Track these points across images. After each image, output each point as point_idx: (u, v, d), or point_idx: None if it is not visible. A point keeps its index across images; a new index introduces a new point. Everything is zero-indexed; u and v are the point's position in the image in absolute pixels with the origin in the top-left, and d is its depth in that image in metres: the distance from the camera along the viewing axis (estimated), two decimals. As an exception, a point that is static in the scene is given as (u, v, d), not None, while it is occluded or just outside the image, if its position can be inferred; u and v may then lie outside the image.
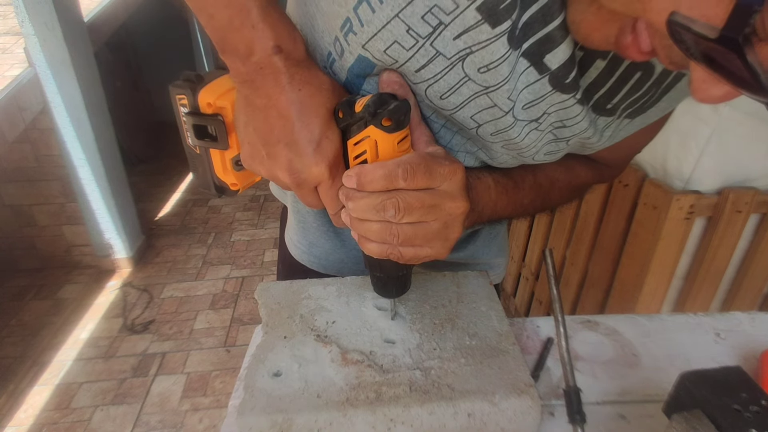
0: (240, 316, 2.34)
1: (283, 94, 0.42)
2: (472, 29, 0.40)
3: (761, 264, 1.37)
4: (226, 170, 0.51)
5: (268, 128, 0.43)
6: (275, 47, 0.41)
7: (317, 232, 0.69)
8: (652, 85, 0.49)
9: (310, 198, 0.47)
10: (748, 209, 1.27)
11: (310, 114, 0.42)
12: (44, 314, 2.34)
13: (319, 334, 0.55)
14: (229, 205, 3.14)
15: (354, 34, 0.43)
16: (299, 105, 0.42)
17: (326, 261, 0.71)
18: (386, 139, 0.42)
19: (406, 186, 0.42)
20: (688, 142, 1.23)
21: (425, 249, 0.45)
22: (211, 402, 1.94)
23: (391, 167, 0.41)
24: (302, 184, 0.45)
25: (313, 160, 0.43)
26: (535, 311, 1.98)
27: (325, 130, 0.43)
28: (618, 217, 1.44)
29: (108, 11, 2.61)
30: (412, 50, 0.42)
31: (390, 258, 0.46)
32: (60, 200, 2.44)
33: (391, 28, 0.41)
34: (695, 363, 0.59)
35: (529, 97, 0.46)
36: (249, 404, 0.47)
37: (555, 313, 0.54)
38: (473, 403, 0.47)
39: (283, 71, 0.41)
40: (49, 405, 1.93)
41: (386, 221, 0.43)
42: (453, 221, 0.45)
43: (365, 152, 0.43)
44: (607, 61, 0.46)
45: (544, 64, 0.43)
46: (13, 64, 2.13)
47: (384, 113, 0.41)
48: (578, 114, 0.48)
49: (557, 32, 0.41)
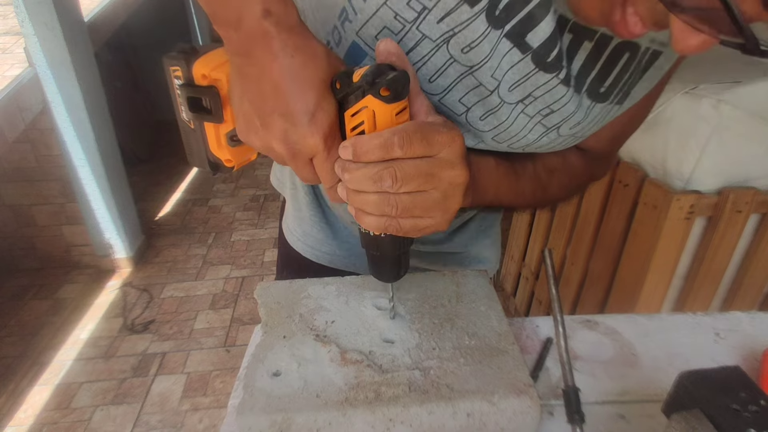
0: (240, 316, 2.34)
1: (276, 61, 0.41)
2: (454, 11, 0.43)
3: (761, 264, 1.37)
4: (220, 146, 0.49)
5: (262, 99, 0.42)
6: (264, 11, 0.40)
7: (310, 221, 0.70)
8: (636, 65, 0.51)
9: (306, 171, 0.46)
10: (748, 209, 1.27)
11: (304, 84, 0.42)
12: (44, 314, 2.34)
13: (319, 333, 0.55)
14: (229, 205, 3.14)
15: (349, 22, 0.47)
16: (293, 73, 0.41)
17: (319, 251, 0.73)
18: (384, 109, 0.41)
19: (402, 155, 0.41)
20: (688, 141, 1.23)
21: (425, 219, 0.45)
22: (211, 402, 1.94)
23: (387, 135, 0.41)
24: (297, 156, 0.44)
25: (308, 131, 0.42)
26: (535, 311, 1.98)
27: (320, 101, 0.42)
28: (618, 217, 1.44)
29: (108, 11, 2.61)
30: (400, 34, 0.45)
31: (388, 231, 0.45)
32: (60, 200, 2.44)
33: (380, 15, 0.45)
34: (695, 363, 0.59)
35: (514, 77, 0.47)
36: (248, 404, 0.47)
37: (554, 312, 0.54)
38: (472, 402, 0.47)
39: (274, 35, 0.40)
40: (49, 405, 1.93)
41: (384, 192, 0.42)
42: (453, 190, 0.44)
43: (363, 123, 0.42)
44: (594, 43, 0.48)
45: (526, 43, 0.45)
46: (13, 64, 2.13)
47: (382, 83, 0.40)
48: (563, 95, 0.48)
49: (537, 10, 0.43)
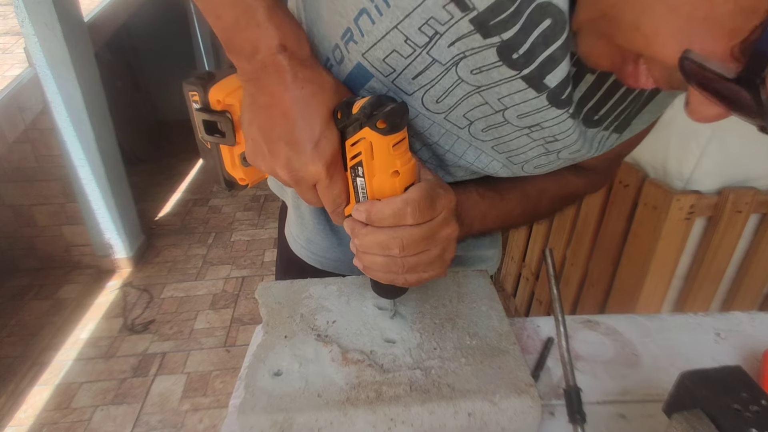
0: (240, 316, 2.34)
1: (287, 92, 0.43)
2: (466, 37, 0.42)
3: (761, 264, 1.37)
4: (234, 165, 0.53)
5: (271, 126, 0.44)
6: (280, 46, 0.41)
7: (314, 229, 0.70)
8: (635, 97, 0.51)
9: (309, 195, 0.48)
10: (748, 209, 1.27)
11: (311, 113, 0.43)
12: (44, 314, 2.34)
13: (320, 333, 0.55)
14: (229, 205, 3.14)
15: (354, 43, 0.45)
16: (302, 104, 0.43)
17: (323, 258, 0.72)
18: (381, 141, 0.42)
19: (413, 222, 0.44)
20: (688, 142, 1.23)
21: (427, 272, 0.49)
22: (212, 402, 1.94)
23: (400, 206, 0.44)
24: (300, 182, 0.46)
25: (310, 159, 0.44)
26: (536, 311, 1.98)
27: (324, 130, 0.44)
28: (618, 217, 1.44)
29: (108, 11, 2.61)
30: (410, 58, 0.44)
31: (395, 284, 0.50)
32: (60, 200, 2.43)
33: (390, 39, 0.43)
34: (695, 363, 0.59)
35: (525, 109, 0.47)
36: (249, 403, 0.47)
37: (555, 312, 0.54)
38: (473, 402, 0.47)
39: (287, 69, 0.42)
40: (49, 405, 1.93)
41: (390, 256, 0.46)
42: (449, 245, 0.49)
43: (360, 154, 0.43)
44: (596, 76, 0.48)
45: (543, 84, 0.44)
46: (13, 64, 2.13)
47: (379, 115, 0.41)
48: (570, 128, 0.49)
49: (559, 52, 0.42)
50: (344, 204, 0.48)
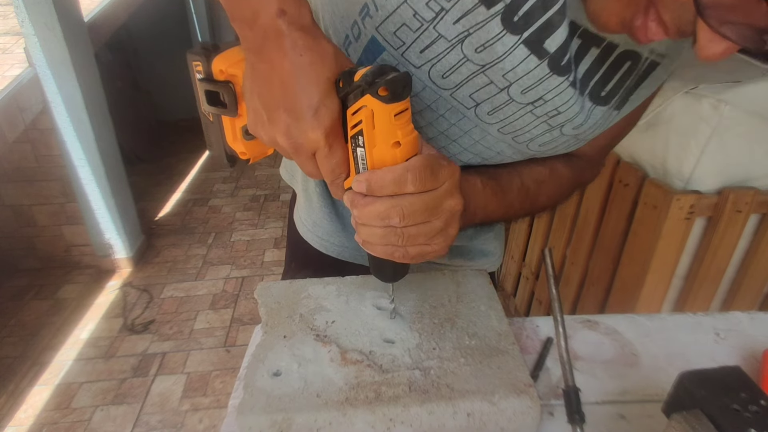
0: (240, 316, 2.34)
1: (286, 59, 0.42)
2: (470, 12, 0.45)
3: (761, 264, 1.37)
4: (236, 138, 0.53)
5: (270, 94, 0.44)
6: (279, 10, 0.42)
7: (321, 212, 0.71)
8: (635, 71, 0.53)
9: (309, 166, 0.48)
10: (748, 209, 1.27)
11: (310, 81, 0.43)
12: (44, 314, 2.34)
13: (319, 333, 0.55)
14: (230, 205, 3.14)
15: (370, 17, 0.49)
16: (300, 71, 0.43)
17: (328, 242, 0.73)
18: (383, 109, 0.42)
19: (414, 190, 0.44)
20: (688, 141, 1.23)
21: (429, 246, 0.48)
22: (211, 402, 1.94)
23: (401, 172, 0.43)
24: (299, 150, 0.46)
25: (309, 126, 0.44)
26: (535, 311, 1.98)
27: (323, 98, 0.43)
28: (618, 217, 1.44)
29: (108, 11, 2.61)
30: (418, 32, 0.47)
31: (394, 258, 0.48)
32: (60, 200, 2.43)
33: (400, 12, 0.47)
34: (695, 363, 0.59)
35: (529, 82, 0.49)
36: (249, 404, 0.47)
37: (554, 312, 0.54)
38: (473, 402, 0.47)
39: (286, 34, 0.42)
40: (49, 405, 1.93)
41: (390, 226, 0.45)
42: (452, 218, 0.48)
43: (361, 122, 0.43)
44: (600, 49, 0.50)
45: (543, 49, 0.47)
46: (13, 64, 2.13)
47: (381, 82, 0.41)
48: (570, 98, 0.51)
49: (556, 17, 0.45)
50: (344, 175, 0.47)
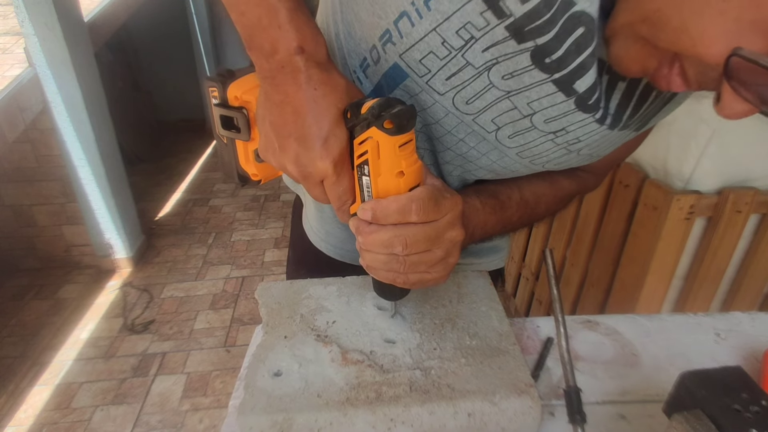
0: (240, 316, 2.34)
1: (300, 92, 0.44)
2: (500, 43, 0.44)
3: (761, 264, 1.37)
4: (248, 161, 0.55)
5: (282, 122, 0.46)
6: (298, 48, 0.43)
7: (333, 221, 0.73)
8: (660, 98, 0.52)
9: (316, 192, 0.49)
10: (748, 209, 1.27)
11: (322, 112, 0.45)
12: (44, 314, 2.34)
13: (320, 333, 0.55)
14: (230, 205, 3.14)
15: (393, 44, 0.47)
16: (313, 103, 0.44)
17: (342, 249, 0.74)
18: (388, 141, 0.43)
19: (417, 220, 0.45)
20: (688, 142, 1.23)
21: (429, 274, 0.50)
22: (212, 402, 1.94)
23: (405, 202, 0.45)
24: (308, 177, 0.47)
25: (318, 155, 0.45)
26: (535, 311, 1.98)
27: (333, 128, 0.45)
28: (618, 218, 1.44)
29: (108, 11, 2.61)
30: (445, 60, 0.46)
31: (396, 283, 0.50)
32: (60, 200, 2.43)
33: (428, 41, 0.45)
34: (695, 363, 0.59)
35: (553, 113, 0.49)
36: (249, 404, 0.47)
37: (555, 313, 0.54)
38: (473, 403, 0.47)
39: (302, 71, 0.44)
40: (49, 405, 1.93)
41: (393, 254, 0.47)
42: (453, 248, 0.50)
43: (367, 152, 0.45)
44: (626, 83, 0.49)
45: (573, 89, 0.46)
46: (13, 64, 2.13)
47: (387, 116, 0.43)
48: (594, 131, 0.51)
49: (589, 59, 0.44)
50: (350, 202, 0.49)
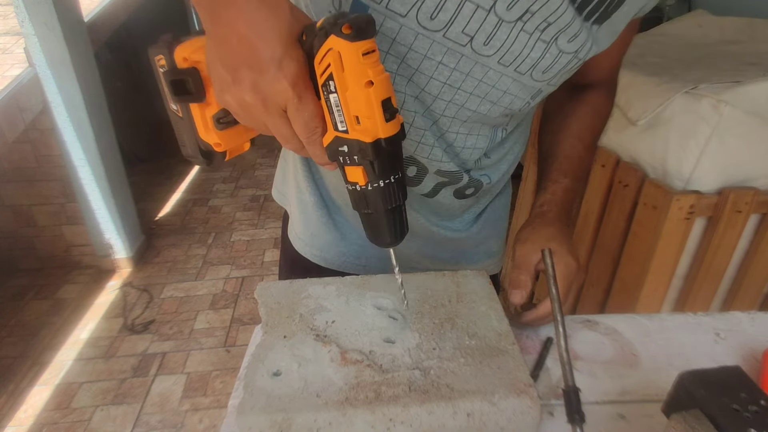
0: (240, 316, 2.34)
1: (241, 16, 0.42)
2: None
3: (761, 264, 1.37)
4: (208, 129, 0.51)
5: (231, 54, 0.44)
6: None
7: (318, 222, 0.71)
8: None
9: (283, 127, 0.46)
10: (748, 209, 1.27)
11: (269, 35, 0.43)
12: (44, 314, 2.34)
13: (319, 333, 0.55)
14: (229, 205, 3.14)
15: None
16: (257, 26, 0.42)
17: (327, 254, 0.73)
18: (349, 48, 0.41)
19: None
20: (688, 142, 1.23)
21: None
22: (211, 402, 1.94)
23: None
24: (269, 105, 0.45)
25: (274, 77, 0.43)
26: (535, 311, 1.97)
27: (286, 48, 0.43)
28: (618, 218, 1.44)
29: (108, 11, 2.61)
30: None
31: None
32: (60, 200, 2.43)
33: None
34: (695, 363, 0.59)
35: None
36: (249, 404, 0.47)
37: (555, 312, 0.54)
38: (472, 402, 0.47)
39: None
40: (49, 405, 1.93)
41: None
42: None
43: (329, 66, 0.42)
44: None
45: None
46: (13, 64, 2.13)
47: (344, 21, 0.40)
48: (559, 6, 0.51)
49: None
50: (319, 130, 0.46)
